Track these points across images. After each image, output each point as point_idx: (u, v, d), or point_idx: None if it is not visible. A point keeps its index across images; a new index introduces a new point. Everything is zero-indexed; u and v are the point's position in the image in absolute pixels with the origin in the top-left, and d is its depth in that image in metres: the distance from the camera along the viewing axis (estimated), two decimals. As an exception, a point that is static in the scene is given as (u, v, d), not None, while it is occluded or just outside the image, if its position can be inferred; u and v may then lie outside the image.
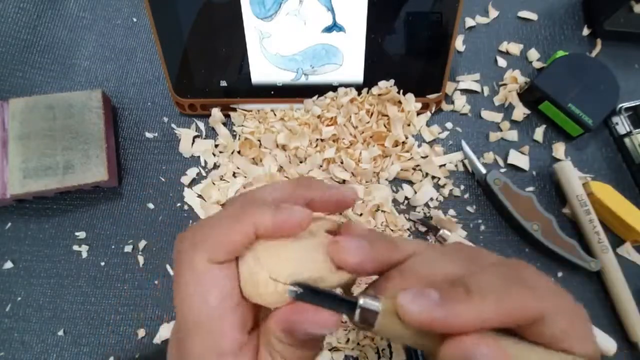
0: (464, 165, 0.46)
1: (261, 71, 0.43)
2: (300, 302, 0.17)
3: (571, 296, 0.18)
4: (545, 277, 0.18)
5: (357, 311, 0.17)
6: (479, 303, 0.16)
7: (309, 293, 0.17)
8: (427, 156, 0.45)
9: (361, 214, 0.42)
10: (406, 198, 0.44)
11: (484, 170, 0.44)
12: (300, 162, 0.44)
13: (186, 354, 0.19)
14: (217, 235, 0.19)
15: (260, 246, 0.19)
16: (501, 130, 0.47)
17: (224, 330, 0.18)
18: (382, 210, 0.43)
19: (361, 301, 0.17)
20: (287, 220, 0.19)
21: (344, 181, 0.43)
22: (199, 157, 0.45)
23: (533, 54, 0.49)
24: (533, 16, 0.51)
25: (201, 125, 0.46)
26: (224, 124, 0.46)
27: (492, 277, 0.17)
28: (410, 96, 0.44)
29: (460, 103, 0.47)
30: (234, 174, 0.44)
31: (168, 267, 0.42)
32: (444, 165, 0.45)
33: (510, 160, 0.45)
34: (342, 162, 0.43)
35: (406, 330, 0.17)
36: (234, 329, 0.18)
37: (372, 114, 0.44)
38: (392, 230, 0.42)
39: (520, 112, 0.47)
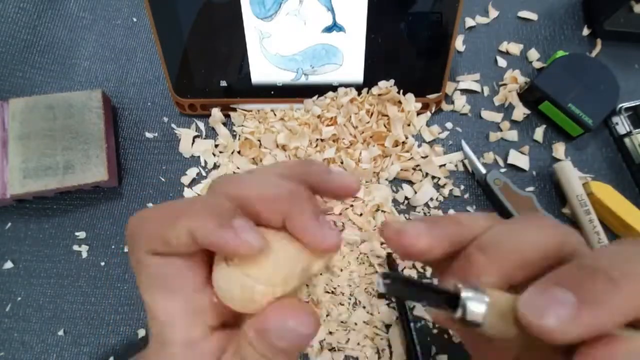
0: (464, 165, 0.46)
1: (261, 71, 0.43)
2: (394, 295, 0.15)
3: None
4: None
5: (460, 308, 0.14)
6: (632, 293, 0.12)
7: (402, 284, 0.15)
8: (427, 156, 0.45)
9: (361, 214, 0.42)
10: (406, 198, 0.44)
11: (484, 170, 0.44)
12: (300, 162, 0.44)
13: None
14: (152, 229, 0.17)
15: (239, 259, 0.17)
16: (501, 130, 0.47)
17: (172, 321, 0.17)
18: (382, 210, 0.43)
19: (464, 294, 0.14)
20: (229, 242, 0.16)
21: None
22: (199, 157, 0.45)
23: (533, 54, 0.49)
24: (533, 16, 0.51)
25: (201, 125, 0.46)
26: (224, 124, 0.46)
27: (623, 254, 0.14)
28: (410, 96, 0.44)
29: (460, 103, 0.47)
30: (234, 174, 0.44)
31: (168, 267, 0.42)
32: (444, 165, 0.45)
33: (510, 160, 0.45)
34: (342, 162, 0.43)
35: (519, 331, 0.14)
36: (184, 320, 0.17)
37: (372, 114, 0.44)
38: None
39: (520, 112, 0.47)
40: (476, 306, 0.14)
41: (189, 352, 0.17)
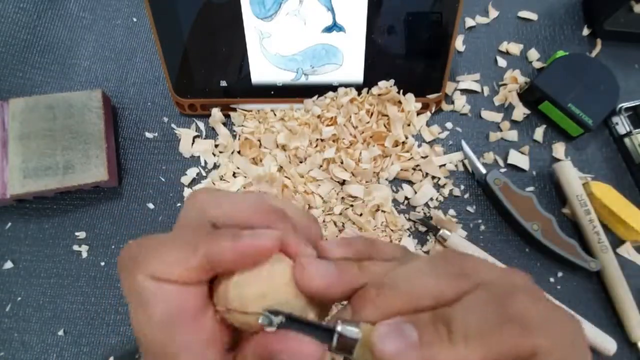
0: (464, 165, 0.46)
1: (261, 71, 0.43)
2: (275, 328, 0.16)
3: (568, 315, 0.16)
4: (541, 299, 0.16)
5: (335, 338, 0.16)
6: (461, 348, 0.14)
7: (287, 320, 0.16)
8: (427, 156, 0.45)
9: (361, 214, 0.42)
10: (406, 198, 0.44)
11: (484, 170, 0.44)
12: (300, 162, 0.44)
13: None
14: (163, 261, 0.17)
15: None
16: (501, 130, 0.47)
17: (175, 351, 0.17)
18: (382, 210, 0.43)
19: (339, 328, 0.16)
20: (250, 247, 0.17)
21: (344, 181, 0.43)
22: (199, 157, 0.45)
23: (533, 54, 0.49)
24: (533, 16, 0.51)
25: (201, 125, 0.46)
26: (224, 124, 0.46)
27: (479, 312, 0.15)
28: (410, 96, 0.44)
29: (460, 103, 0.47)
30: (234, 174, 0.44)
31: (168, 267, 0.42)
32: (444, 165, 0.45)
33: (510, 160, 0.45)
34: (342, 162, 0.43)
35: None
36: (189, 348, 0.17)
37: (372, 114, 0.44)
38: (392, 230, 0.42)
39: (520, 112, 0.47)
40: (348, 338, 0.16)
41: None
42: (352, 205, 0.43)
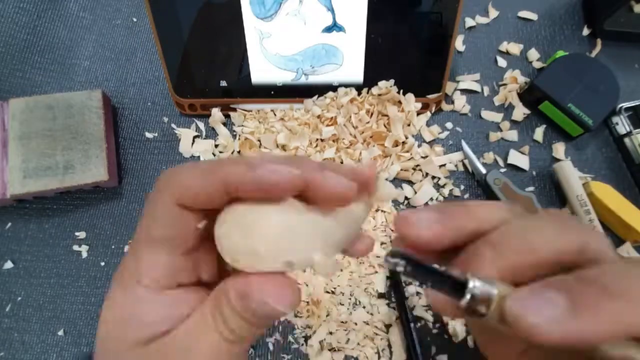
0: (464, 165, 0.46)
1: (261, 71, 0.43)
2: (403, 275, 0.14)
3: None
4: None
5: (467, 296, 0.14)
6: (626, 307, 0.12)
7: (409, 263, 0.14)
8: (427, 156, 0.45)
9: (361, 214, 0.42)
10: (406, 198, 0.44)
11: (484, 170, 0.44)
12: (300, 162, 0.44)
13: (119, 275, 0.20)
14: (185, 179, 0.17)
15: (246, 212, 0.17)
16: (501, 130, 0.47)
17: (147, 262, 0.18)
18: (382, 210, 0.43)
19: (472, 284, 0.14)
20: (268, 177, 0.16)
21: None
22: (199, 157, 0.45)
23: (533, 54, 0.49)
24: (533, 16, 0.51)
25: (201, 125, 0.46)
26: (224, 124, 0.46)
27: (632, 266, 0.13)
28: (410, 96, 0.44)
29: (460, 103, 0.47)
30: (234, 174, 0.44)
31: (168, 267, 0.42)
32: (444, 165, 0.45)
33: (510, 160, 0.45)
34: (342, 162, 0.43)
35: None
36: (158, 264, 0.18)
37: (372, 114, 0.44)
38: (392, 230, 0.42)
39: (520, 112, 0.47)
40: (479, 298, 0.14)
41: (157, 296, 0.18)
42: (352, 205, 0.43)
